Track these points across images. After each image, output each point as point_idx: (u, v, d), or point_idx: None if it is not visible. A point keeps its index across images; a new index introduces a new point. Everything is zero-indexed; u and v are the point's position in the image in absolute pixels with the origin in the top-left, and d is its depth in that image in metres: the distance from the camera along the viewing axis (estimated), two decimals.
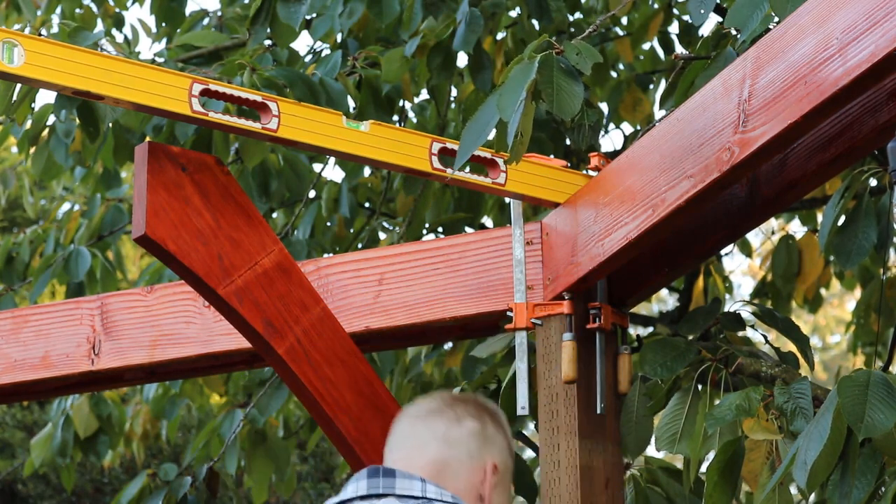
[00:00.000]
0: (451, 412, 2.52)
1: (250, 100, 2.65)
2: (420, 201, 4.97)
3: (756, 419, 2.61)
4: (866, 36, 2.33)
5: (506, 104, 2.53)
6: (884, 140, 2.60)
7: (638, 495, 3.00)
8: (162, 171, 2.57)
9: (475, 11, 4.13)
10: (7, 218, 12.04)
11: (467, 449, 2.49)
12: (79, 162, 5.00)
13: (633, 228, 2.76)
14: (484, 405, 2.58)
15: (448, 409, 2.52)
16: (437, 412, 2.52)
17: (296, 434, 5.78)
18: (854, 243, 3.11)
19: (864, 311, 5.57)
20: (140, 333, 3.17)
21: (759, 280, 6.13)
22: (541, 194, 2.93)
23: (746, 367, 2.92)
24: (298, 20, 4.13)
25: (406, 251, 3.08)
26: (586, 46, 2.66)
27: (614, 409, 2.95)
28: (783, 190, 2.82)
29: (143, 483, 4.55)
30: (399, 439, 2.52)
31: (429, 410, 2.53)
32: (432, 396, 2.59)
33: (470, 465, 2.48)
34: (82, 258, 5.01)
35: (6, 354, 3.28)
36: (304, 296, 2.77)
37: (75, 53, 2.48)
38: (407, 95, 4.62)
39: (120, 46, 4.27)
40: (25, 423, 12.15)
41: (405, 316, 2.98)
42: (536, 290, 2.93)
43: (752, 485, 2.64)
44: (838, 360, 16.42)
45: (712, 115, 2.63)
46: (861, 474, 2.41)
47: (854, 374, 2.41)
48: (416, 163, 2.80)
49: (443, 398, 2.57)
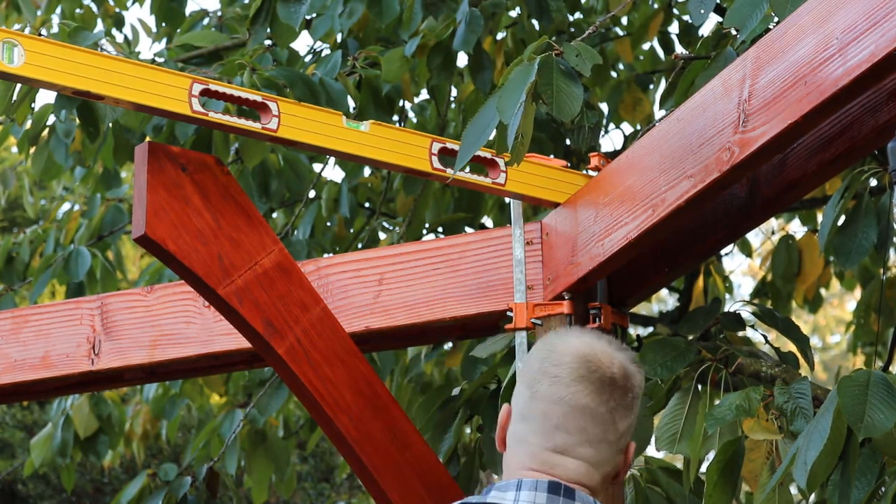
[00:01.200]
0: (627, 397, 2.17)
1: (250, 100, 2.65)
2: (420, 201, 4.98)
3: (756, 419, 2.61)
4: (866, 36, 2.33)
5: (506, 106, 2.53)
6: (884, 140, 2.61)
7: (638, 495, 2.99)
8: (162, 171, 2.57)
9: (475, 11, 4.13)
10: (7, 218, 12.04)
11: (627, 440, 2.22)
12: (79, 162, 5.00)
13: (633, 228, 2.76)
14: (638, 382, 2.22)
15: (623, 396, 2.17)
16: (619, 400, 2.16)
17: (296, 434, 5.78)
18: (854, 243, 3.11)
19: (864, 311, 5.57)
20: (140, 333, 3.17)
21: (759, 280, 6.14)
22: (541, 194, 2.93)
23: (746, 367, 2.92)
24: (298, 20, 4.13)
25: (406, 251, 3.08)
26: (586, 48, 2.66)
27: None
28: (783, 190, 2.82)
29: (143, 483, 4.55)
30: (575, 429, 2.14)
31: (610, 398, 2.16)
32: (605, 363, 2.17)
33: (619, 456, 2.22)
34: (82, 258, 5.01)
35: (6, 354, 3.28)
36: (304, 296, 2.77)
37: (75, 53, 2.48)
38: (407, 95, 4.62)
39: (120, 46, 4.27)
40: (25, 423, 12.16)
41: (405, 316, 2.98)
42: (536, 290, 2.93)
43: (752, 485, 2.64)
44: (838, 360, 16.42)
45: (712, 115, 2.63)
46: (861, 474, 2.41)
47: (854, 374, 2.41)
48: (416, 163, 2.80)
49: (620, 372, 2.17)
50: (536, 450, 2.16)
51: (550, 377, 2.15)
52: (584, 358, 2.16)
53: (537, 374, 2.17)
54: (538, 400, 2.16)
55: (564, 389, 2.14)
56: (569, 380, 2.14)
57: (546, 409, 2.15)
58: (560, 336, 2.22)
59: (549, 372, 2.16)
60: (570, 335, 2.21)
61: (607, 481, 2.19)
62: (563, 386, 2.14)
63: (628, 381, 2.18)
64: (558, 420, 2.14)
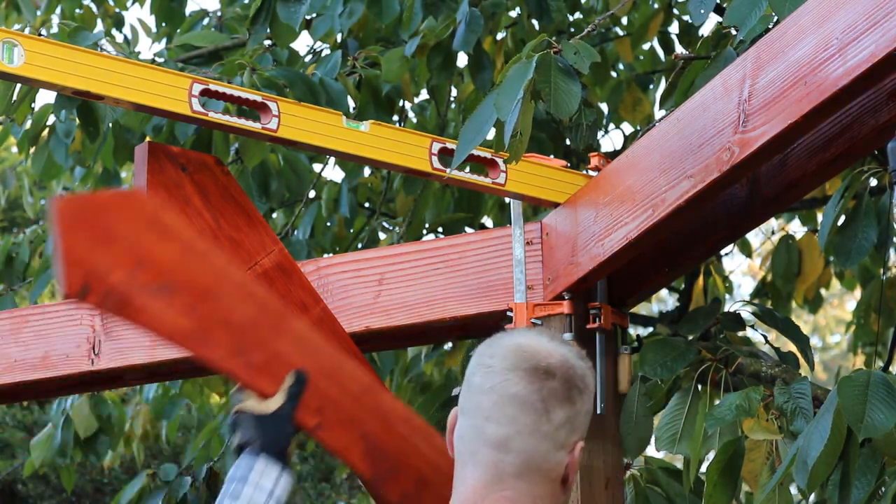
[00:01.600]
0: (565, 387, 2.07)
1: (250, 100, 2.65)
2: (420, 201, 4.97)
3: (756, 419, 2.61)
4: (866, 36, 2.33)
5: (503, 103, 2.53)
6: (884, 140, 2.61)
7: (638, 495, 2.99)
8: (162, 171, 2.57)
9: (475, 11, 4.13)
10: (7, 218, 12.04)
11: (569, 436, 2.10)
12: (79, 162, 5.00)
13: (633, 228, 2.76)
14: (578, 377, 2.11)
15: (560, 386, 2.07)
16: (554, 390, 2.07)
17: None
18: (854, 243, 3.11)
19: (864, 311, 5.57)
20: (140, 333, 3.17)
21: (759, 280, 6.13)
22: (541, 194, 2.93)
23: (746, 367, 2.92)
24: (298, 20, 4.13)
25: (406, 251, 3.08)
26: (584, 46, 2.66)
27: (614, 409, 2.95)
28: (783, 190, 2.82)
29: (143, 483, 4.54)
30: (506, 419, 2.06)
31: (543, 387, 2.06)
32: (522, 356, 2.09)
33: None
34: None
35: (6, 354, 3.28)
36: (304, 296, 2.76)
37: (75, 53, 2.48)
38: (407, 95, 4.62)
39: (120, 46, 4.27)
40: (25, 423, 12.15)
41: (405, 316, 2.98)
42: (536, 290, 2.93)
43: (752, 485, 2.64)
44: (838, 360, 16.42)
45: (712, 115, 2.63)
46: (861, 474, 2.41)
47: (854, 374, 2.41)
48: (416, 163, 2.80)
49: (559, 363, 2.08)
50: (473, 447, 2.07)
51: (484, 368, 2.09)
52: (519, 348, 2.09)
53: (474, 367, 2.11)
54: (473, 391, 2.09)
55: (496, 378, 2.07)
56: (500, 369, 2.07)
57: (479, 400, 2.07)
58: (506, 332, 2.16)
59: (483, 363, 2.10)
60: (516, 331, 2.16)
61: (554, 484, 2.07)
62: (495, 375, 2.07)
63: (568, 373, 2.08)
64: (489, 411, 2.06)
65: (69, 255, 2.29)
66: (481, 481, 2.06)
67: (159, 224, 2.39)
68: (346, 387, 2.52)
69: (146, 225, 2.37)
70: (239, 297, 2.45)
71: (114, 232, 2.33)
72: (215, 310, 2.41)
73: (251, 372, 2.42)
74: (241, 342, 2.43)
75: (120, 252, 2.33)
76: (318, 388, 2.47)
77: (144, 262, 2.35)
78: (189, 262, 2.41)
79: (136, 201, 2.39)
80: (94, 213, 2.33)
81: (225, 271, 2.44)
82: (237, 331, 2.42)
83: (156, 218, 2.39)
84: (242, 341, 2.43)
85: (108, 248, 2.32)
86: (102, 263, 2.31)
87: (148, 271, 2.35)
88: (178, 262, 2.39)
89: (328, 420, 2.48)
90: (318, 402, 2.47)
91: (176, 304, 2.37)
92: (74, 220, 2.31)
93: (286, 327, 2.49)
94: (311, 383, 2.45)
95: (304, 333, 2.51)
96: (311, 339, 2.52)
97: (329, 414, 2.48)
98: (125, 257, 2.34)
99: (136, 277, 2.34)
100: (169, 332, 2.37)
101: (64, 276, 2.27)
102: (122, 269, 2.33)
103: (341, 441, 2.51)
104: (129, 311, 2.33)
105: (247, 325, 2.44)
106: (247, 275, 2.54)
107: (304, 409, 2.43)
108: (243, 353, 2.42)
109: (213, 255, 2.44)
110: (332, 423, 2.49)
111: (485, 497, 2.05)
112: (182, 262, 2.39)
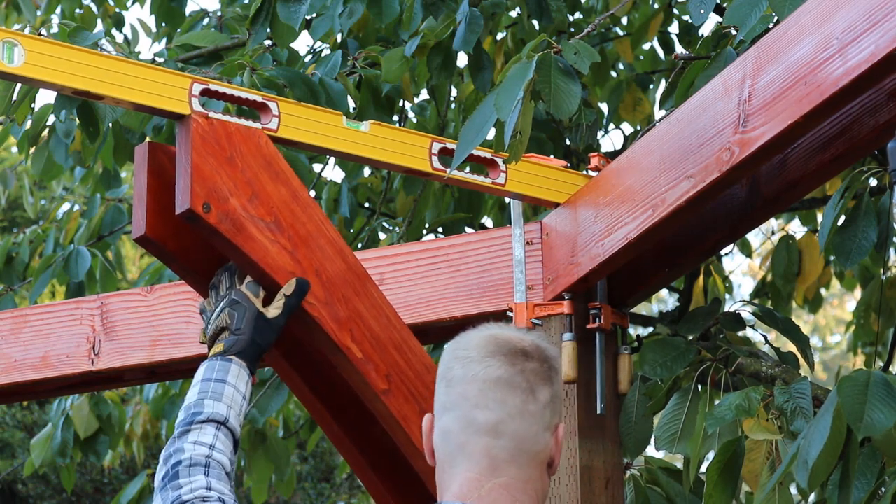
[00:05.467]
0: (543, 366, 2.10)
1: (250, 100, 2.65)
2: (420, 201, 4.97)
3: (756, 419, 2.61)
4: (866, 36, 2.33)
5: (503, 103, 2.53)
6: (884, 140, 2.61)
7: (638, 495, 3.00)
8: (162, 171, 2.57)
9: (475, 11, 4.13)
10: (7, 218, 12.04)
11: (552, 418, 2.11)
12: (79, 162, 5.00)
13: (633, 228, 2.76)
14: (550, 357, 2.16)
15: (539, 365, 2.10)
16: (535, 368, 2.10)
17: (296, 434, 5.78)
18: (854, 243, 3.11)
19: (864, 311, 5.57)
20: (140, 333, 3.17)
21: (759, 280, 6.14)
22: (541, 194, 2.93)
23: (746, 367, 2.92)
24: (298, 20, 4.13)
25: (406, 251, 3.09)
26: (584, 46, 2.66)
27: (614, 409, 2.95)
28: (783, 190, 2.82)
29: (143, 483, 4.55)
30: (495, 403, 2.07)
31: (524, 367, 2.10)
32: (493, 346, 2.12)
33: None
34: (82, 258, 5.00)
35: (6, 354, 3.28)
36: None
37: (75, 53, 2.48)
38: (407, 95, 4.62)
39: (120, 46, 4.27)
40: (25, 423, 12.16)
41: (405, 316, 2.98)
42: (536, 290, 2.93)
43: (752, 485, 2.64)
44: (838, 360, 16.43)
45: (712, 115, 2.63)
46: (861, 474, 2.41)
47: (854, 374, 2.41)
48: (416, 163, 2.80)
49: (532, 346, 2.12)
50: (462, 438, 2.07)
51: (462, 360, 2.10)
52: (493, 336, 2.12)
53: (449, 362, 2.12)
54: (454, 385, 2.09)
55: (477, 366, 2.08)
56: (479, 356, 2.09)
57: (463, 390, 2.08)
58: (472, 329, 2.17)
59: (459, 356, 2.11)
60: (481, 326, 2.17)
61: (542, 468, 2.09)
62: (475, 363, 2.09)
63: (543, 353, 2.11)
64: (476, 398, 2.07)
65: (198, 171, 2.46)
66: (475, 472, 2.06)
67: (275, 166, 2.57)
68: (411, 362, 2.67)
69: (264, 163, 2.56)
70: (332, 251, 2.61)
71: (237, 161, 2.52)
72: (311, 257, 2.58)
73: (337, 325, 2.58)
74: (330, 294, 2.59)
75: (241, 181, 2.52)
76: (389, 356, 2.64)
77: (259, 195, 2.54)
78: (295, 208, 2.58)
79: (258, 139, 2.57)
80: (225, 138, 2.52)
81: (323, 225, 2.61)
82: (327, 282, 2.59)
83: (272, 159, 2.57)
84: (331, 293, 2.59)
85: (232, 174, 2.51)
86: (225, 186, 2.49)
87: (261, 205, 2.54)
88: (286, 205, 2.57)
89: (396, 388, 2.62)
90: (387, 369, 2.61)
91: (280, 242, 2.54)
92: (207, 139, 2.49)
93: (366, 291, 2.65)
94: (381, 348, 2.62)
95: (379, 301, 2.67)
96: (385, 309, 2.68)
97: (397, 382, 2.63)
98: (245, 187, 2.52)
99: (250, 208, 2.52)
100: (273, 267, 2.53)
101: (188, 190, 2.45)
102: (240, 196, 2.51)
103: (403, 411, 2.63)
104: (242, 238, 2.50)
105: (336, 279, 2.60)
106: (338, 233, 2.67)
107: (375, 371, 2.59)
108: (331, 304, 2.59)
109: (314, 208, 2.60)
110: (398, 393, 2.63)
111: (480, 487, 2.05)
112: (289, 206, 2.57)
